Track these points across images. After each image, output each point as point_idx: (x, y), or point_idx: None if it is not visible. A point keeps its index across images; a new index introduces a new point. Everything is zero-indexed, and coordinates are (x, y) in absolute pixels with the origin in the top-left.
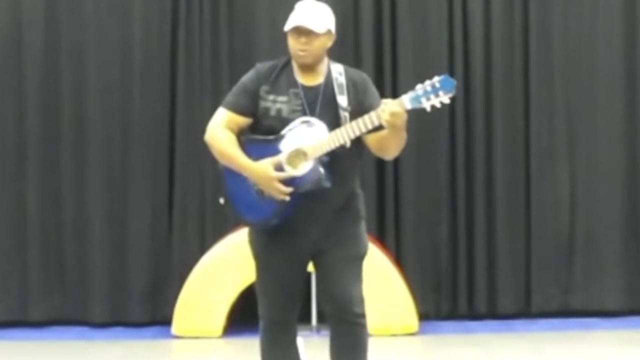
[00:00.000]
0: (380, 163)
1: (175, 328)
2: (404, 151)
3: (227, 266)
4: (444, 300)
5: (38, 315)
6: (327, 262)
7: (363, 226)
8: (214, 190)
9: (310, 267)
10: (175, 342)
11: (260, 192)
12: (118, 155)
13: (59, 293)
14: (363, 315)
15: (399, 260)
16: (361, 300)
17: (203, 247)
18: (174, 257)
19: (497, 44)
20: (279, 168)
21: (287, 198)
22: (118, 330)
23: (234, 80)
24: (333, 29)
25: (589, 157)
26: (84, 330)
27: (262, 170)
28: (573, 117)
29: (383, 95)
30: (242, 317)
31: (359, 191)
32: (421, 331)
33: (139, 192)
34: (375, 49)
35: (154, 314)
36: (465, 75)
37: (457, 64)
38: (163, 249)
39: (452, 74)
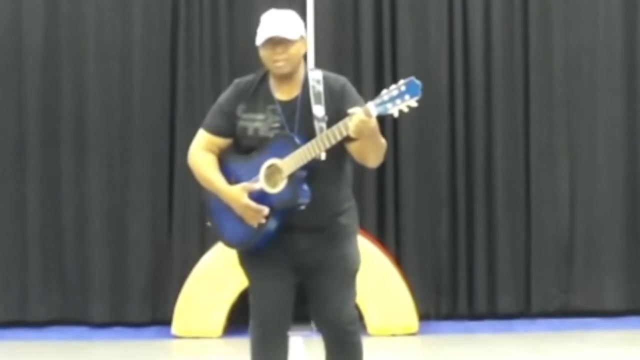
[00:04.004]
0: (380, 163)
1: (175, 328)
2: (404, 151)
3: (227, 266)
4: (444, 300)
5: (38, 316)
6: (315, 283)
7: (352, 242)
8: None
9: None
10: (175, 342)
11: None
12: (118, 155)
13: (59, 293)
14: (356, 333)
15: (399, 260)
16: (353, 319)
17: (203, 247)
18: (174, 257)
19: (497, 44)
20: (255, 192)
21: (262, 221)
22: (118, 330)
23: (234, 80)
24: (305, 34)
25: (589, 156)
26: (84, 330)
27: (235, 196)
28: (573, 116)
29: None
30: (242, 317)
31: (347, 205)
32: (421, 331)
33: (139, 192)
34: (375, 49)
35: (154, 314)
36: (465, 75)
37: (457, 64)
38: (163, 249)
39: (452, 74)
